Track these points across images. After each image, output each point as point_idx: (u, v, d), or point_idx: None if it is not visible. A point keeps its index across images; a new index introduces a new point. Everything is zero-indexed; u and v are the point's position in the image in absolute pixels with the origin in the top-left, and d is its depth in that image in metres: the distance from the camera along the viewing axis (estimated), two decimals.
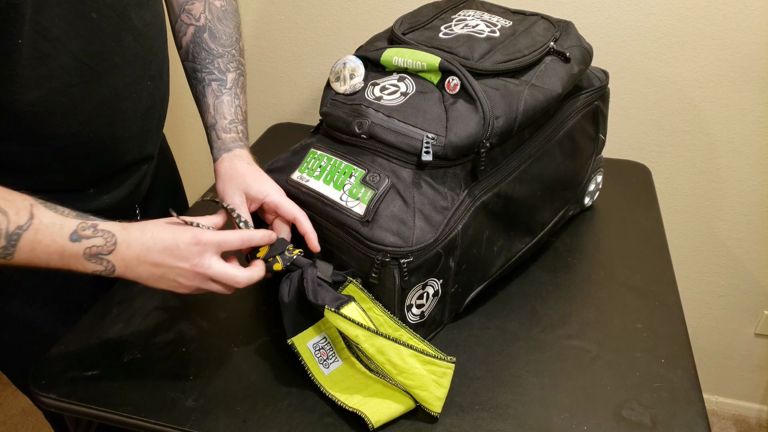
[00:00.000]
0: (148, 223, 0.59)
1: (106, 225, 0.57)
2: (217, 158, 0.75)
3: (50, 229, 0.55)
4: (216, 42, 0.78)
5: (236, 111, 0.78)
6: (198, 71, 0.78)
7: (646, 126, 1.22)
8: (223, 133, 0.76)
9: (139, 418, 0.63)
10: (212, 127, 0.76)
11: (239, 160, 0.73)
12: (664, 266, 0.86)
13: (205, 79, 0.77)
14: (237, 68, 0.79)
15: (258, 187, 0.69)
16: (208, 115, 0.77)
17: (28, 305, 0.76)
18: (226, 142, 0.75)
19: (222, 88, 0.77)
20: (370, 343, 0.61)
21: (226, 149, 0.75)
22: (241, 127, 0.77)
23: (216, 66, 0.78)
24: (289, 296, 0.65)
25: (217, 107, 0.77)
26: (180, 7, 0.78)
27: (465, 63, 0.69)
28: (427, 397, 0.61)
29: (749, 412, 1.58)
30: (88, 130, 0.66)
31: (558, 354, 0.72)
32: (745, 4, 1.06)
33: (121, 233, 0.57)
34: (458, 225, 0.67)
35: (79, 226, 0.56)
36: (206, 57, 0.77)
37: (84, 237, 0.56)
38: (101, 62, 0.64)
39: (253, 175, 0.70)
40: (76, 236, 0.56)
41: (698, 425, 0.62)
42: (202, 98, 0.78)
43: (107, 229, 0.57)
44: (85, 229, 0.56)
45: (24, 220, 0.53)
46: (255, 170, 0.72)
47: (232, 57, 0.79)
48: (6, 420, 1.61)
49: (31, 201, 0.55)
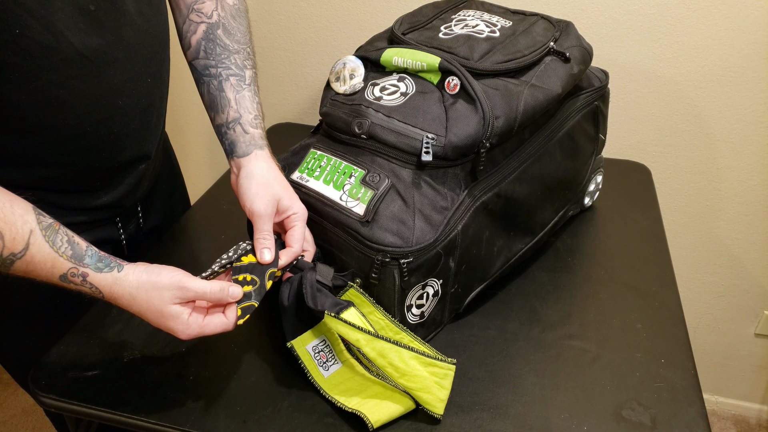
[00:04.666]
0: (145, 294, 0.59)
1: (97, 280, 0.58)
2: (247, 153, 0.71)
3: (42, 265, 0.56)
4: (231, 38, 0.76)
5: (258, 108, 0.75)
6: (212, 67, 0.75)
7: (646, 126, 1.22)
8: (250, 127, 0.72)
9: (139, 418, 0.63)
10: (235, 122, 0.73)
11: (274, 165, 0.71)
12: (664, 266, 0.86)
13: (221, 74, 0.74)
14: (253, 66, 0.77)
15: (288, 203, 0.67)
16: (229, 110, 0.73)
17: (30, 301, 0.76)
18: (255, 138, 0.72)
19: (242, 83, 0.75)
20: (371, 346, 0.60)
21: (258, 146, 0.71)
22: (264, 125, 0.76)
23: (233, 62, 0.75)
24: (288, 300, 0.65)
25: (239, 101, 0.73)
26: (188, 7, 0.76)
27: (465, 63, 0.69)
28: (430, 399, 0.61)
29: (749, 412, 1.58)
30: (85, 123, 0.66)
31: (558, 354, 0.72)
32: (745, 4, 1.06)
33: (109, 294, 0.59)
34: (458, 225, 0.67)
35: (69, 271, 0.57)
36: (222, 52, 0.75)
37: (72, 282, 0.58)
38: (101, 56, 0.64)
39: (287, 189, 0.69)
40: (64, 278, 0.57)
41: (698, 425, 0.62)
42: (219, 93, 0.74)
43: (96, 285, 0.58)
44: (75, 276, 0.57)
45: (19, 248, 0.55)
46: (286, 181, 0.70)
47: (247, 54, 0.77)
48: (6, 420, 1.61)
49: (32, 226, 0.56)
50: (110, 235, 0.81)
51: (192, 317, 0.60)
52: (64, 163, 0.68)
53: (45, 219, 0.57)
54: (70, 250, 0.57)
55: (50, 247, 0.56)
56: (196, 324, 0.60)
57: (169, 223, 0.95)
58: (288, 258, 0.66)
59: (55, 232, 0.57)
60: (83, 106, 0.65)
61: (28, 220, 0.56)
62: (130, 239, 0.85)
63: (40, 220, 0.57)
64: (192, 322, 0.59)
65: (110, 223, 0.80)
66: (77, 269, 0.57)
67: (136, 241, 0.87)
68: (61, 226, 0.58)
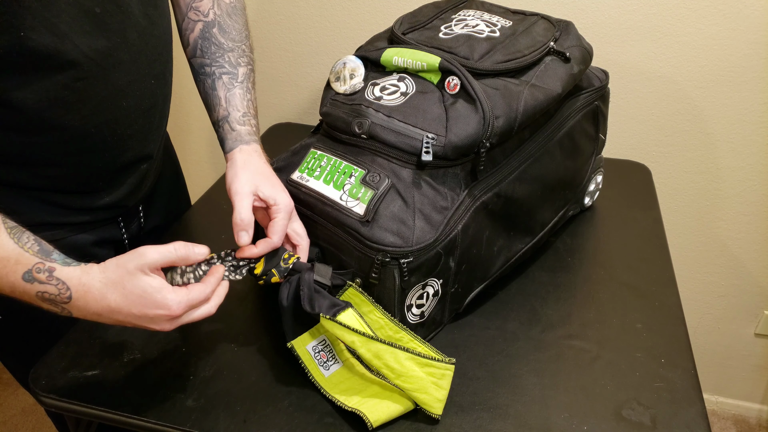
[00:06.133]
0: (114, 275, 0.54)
1: (64, 273, 0.54)
2: (232, 148, 0.72)
3: (5, 261, 0.52)
4: (226, 37, 0.77)
5: (248, 105, 0.76)
6: (207, 66, 0.77)
7: (646, 126, 1.22)
8: (237, 125, 0.74)
9: (139, 418, 0.63)
10: (224, 120, 0.74)
11: (258, 157, 0.72)
12: (664, 266, 0.86)
13: (215, 73, 0.76)
14: (248, 63, 0.79)
15: (270, 193, 0.67)
16: (220, 108, 0.75)
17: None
18: (242, 134, 0.73)
19: (233, 81, 0.76)
20: (367, 348, 0.60)
21: (244, 141, 0.73)
22: (254, 121, 0.76)
23: (227, 60, 0.76)
24: (288, 300, 0.65)
25: (229, 99, 0.75)
26: (187, 5, 0.77)
27: (465, 63, 0.69)
28: (427, 400, 0.61)
29: (749, 412, 1.58)
30: (90, 124, 0.66)
31: (558, 354, 0.72)
32: (745, 4, 1.06)
33: (78, 289, 0.54)
34: (458, 225, 0.67)
35: (35, 266, 0.53)
36: (216, 51, 0.76)
37: (37, 280, 0.53)
38: (106, 58, 0.64)
39: (269, 179, 0.69)
40: (29, 276, 0.53)
41: (698, 425, 0.62)
42: (212, 92, 0.76)
43: (63, 280, 0.54)
44: (41, 271, 0.53)
45: None
46: (272, 173, 0.71)
47: (242, 52, 0.78)
48: (6, 420, 1.61)
49: None
50: (113, 235, 0.81)
51: (175, 289, 0.56)
52: (67, 163, 0.69)
53: (11, 222, 0.56)
54: (36, 246, 0.55)
55: (15, 243, 0.54)
56: (182, 293, 0.56)
57: (170, 222, 0.95)
58: (264, 247, 0.65)
59: (21, 232, 0.55)
60: (88, 107, 0.65)
61: None
62: (132, 239, 0.85)
63: (6, 221, 0.55)
64: (178, 291, 0.56)
65: (112, 223, 0.80)
66: (43, 264, 0.54)
67: (138, 241, 0.87)
68: (28, 231, 0.56)
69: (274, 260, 0.66)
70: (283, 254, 0.66)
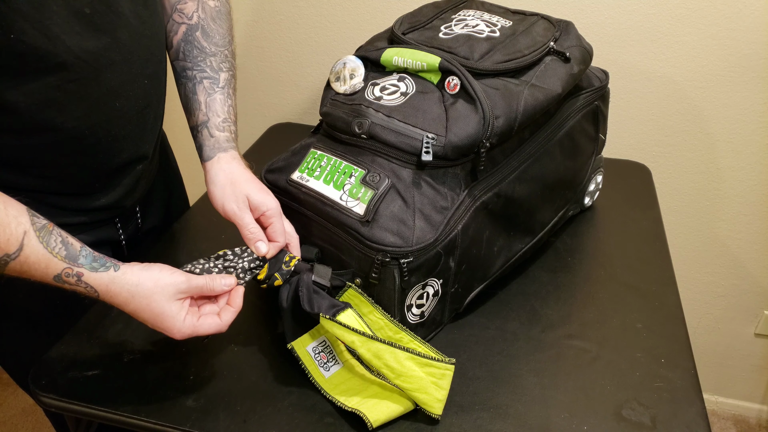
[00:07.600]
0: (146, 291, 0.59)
1: (92, 279, 0.58)
2: (210, 157, 0.73)
3: (36, 266, 0.56)
4: (209, 41, 0.77)
5: (229, 111, 0.76)
6: (188, 69, 0.76)
7: (646, 126, 1.22)
8: (216, 131, 0.74)
9: (139, 418, 0.63)
10: (203, 125, 0.75)
11: (237, 164, 0.72)
12: (664, 266, 0.86)
13: (196, 77, 0.76)
14: (229, 69, 0.78)
15: (260, 198, 0.68)
16: (199, 113, 0.75)
17: (30, 301, 0.76)
18: (220, 141, 0.74)
19: (214, 86, 0.76)
20: (366, 348, 0.60)
21: (222, 149, 0.73)
22: (234, 128, 0.76)
23: (208, 64, 0.76)
24: (287, 301, 0.65)
25: (209, 104, 0.75)
26: (172, 7, 0.77)
27: (465, 63, 0.69)
28: (427, 400, 0.61)
29: (749, 412, 1.58)
30: (83, 125, 0.66)
31: (558, 354, 0.72)
32: (745, 4, 1.06)
33: (105, 293, 0.59)
34: (458, 225, 0.67)
35: (64, 272, 0.57)
36: (198, 55, 0.76)
37: (67, 282, 0.58)
38: (98, 59, 0.64)
39: (254, 184, 0.70)
40: (59, 278, 0.57)
41: (698, 425, 0.62)
42: (192, 96, 0.76)
43: (91, 284, 0.58)
44: (70, 276, 0.57)
45: (13, 249, 0.55)
46: (254, 178, 0.71)
47: (224, 57, 0.78)
48: (6, 420, 1.61)
49: (26, 227, 0.56)
50: (110, 235, 0.81)
51: (187, 317, 0.60)
52: (61, 164, 0.68)
53: (39, 220, 0.57)
54: (64, 250, 0.57)
55: (44, 248, 0.56)
56: (190, 324, 0.60)
57: (168, 223, 0.95)
58: (274, 250, 0.67)
59: (49, 233, 0.57)
60: (81, 108, 0.65)
61: (22, 221, 0.56)
62: (130, 240, 0.85)
63: (34, 221, 0.57)
64: (187, 321, 0.60)
65: (109, 223, 0.80)
66: (71, 269, 0.57)
67: (136, 242, 0.87)
68: (55, 227, 0.58)
69: (276, 264, 0.66)
70: (284, 257, 0.67)
